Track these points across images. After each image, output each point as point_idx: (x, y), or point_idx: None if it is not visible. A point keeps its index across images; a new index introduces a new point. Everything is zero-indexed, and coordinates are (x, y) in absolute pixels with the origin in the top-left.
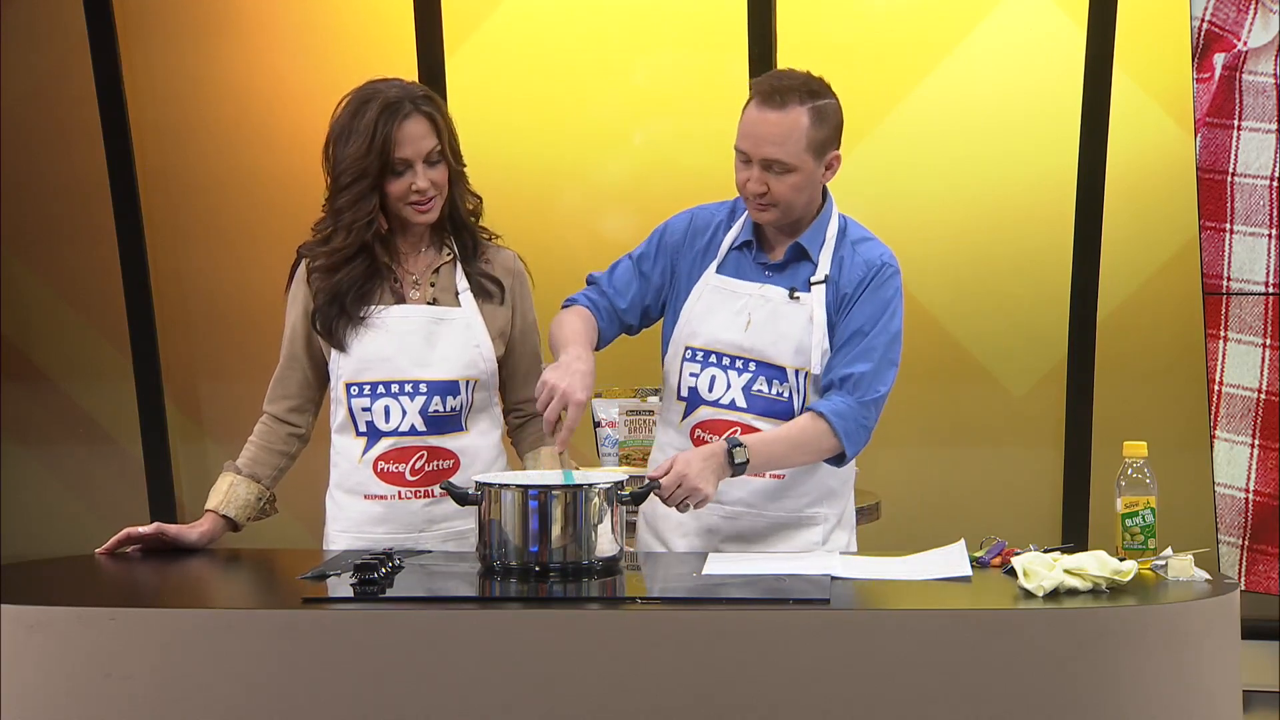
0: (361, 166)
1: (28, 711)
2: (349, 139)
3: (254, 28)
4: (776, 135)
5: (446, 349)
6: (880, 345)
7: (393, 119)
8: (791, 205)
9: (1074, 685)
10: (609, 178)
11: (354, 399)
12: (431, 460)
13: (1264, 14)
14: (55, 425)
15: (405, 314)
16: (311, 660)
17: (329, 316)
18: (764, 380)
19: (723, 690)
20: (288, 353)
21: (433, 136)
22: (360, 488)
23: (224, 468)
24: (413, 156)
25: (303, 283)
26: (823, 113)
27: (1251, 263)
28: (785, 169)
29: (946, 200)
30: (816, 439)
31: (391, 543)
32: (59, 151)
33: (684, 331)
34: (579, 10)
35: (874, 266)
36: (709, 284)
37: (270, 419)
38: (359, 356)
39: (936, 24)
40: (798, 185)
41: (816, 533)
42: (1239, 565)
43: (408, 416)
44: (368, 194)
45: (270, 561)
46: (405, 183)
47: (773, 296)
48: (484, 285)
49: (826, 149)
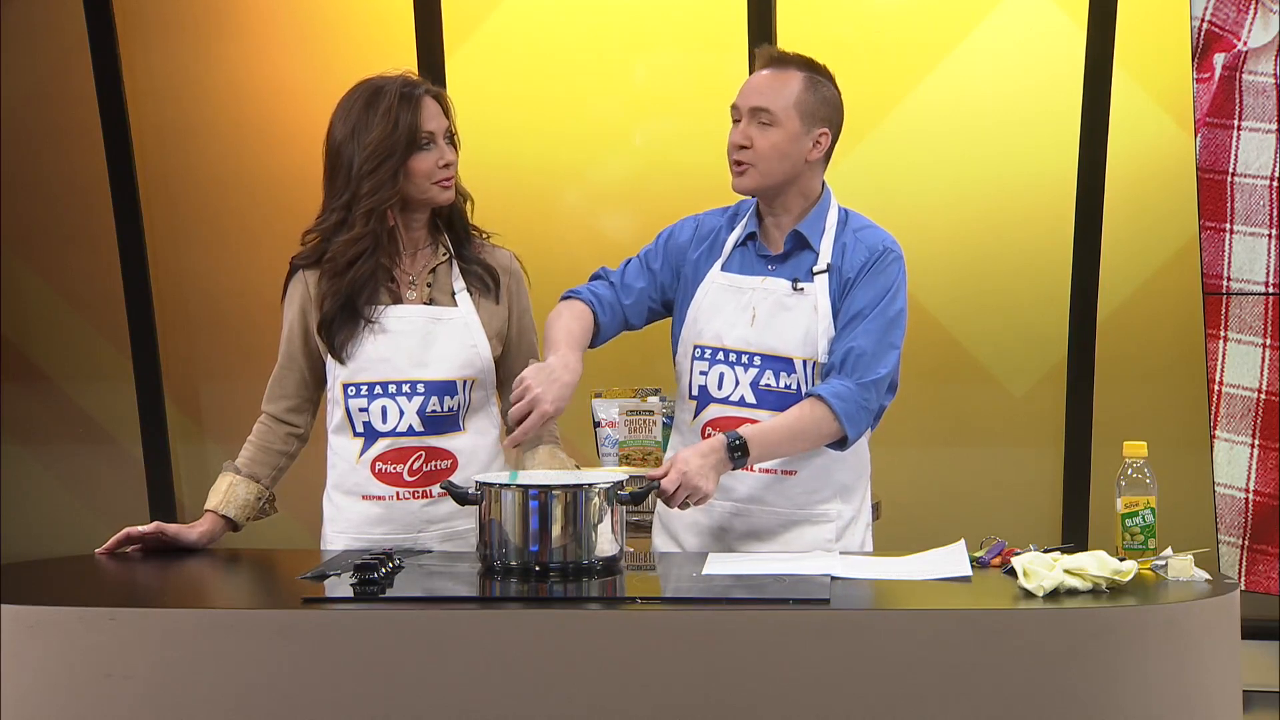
0: (388, 147)
1: (28, 711)
2: (368, 128)
3: (254, 28)
4: (767, 86)
5: (444, 349)
6: (879, 327)
7: (410, 100)
8: (770, 165)
9: (1074, 685)
10: (609, 178)
11: (351, 399)
12: (429, 461)
13: (1264, 14)
14: (55, 425)
15: (402, 314)
16: (311, 660)
17: (340, 321)
18: (771, 374)
19: (723, 690)
20: (285, 353)
21: (444, 117)
22: (358, 488)
23: (223, 468)
24: (437, 130)
25: (300, 283)
26: (818, 85)
27: (1251, 263)
28: (771, 120)
29: (946, 200)
30: (817, 424)
31: (390, 543)
32: (59, 151)
33: (691, 331)
34: (579, 10)
35: (876, 251)
36: (714, 282)
37: (269, 419)
38: (357, 357)
39: (936, 24)
40: (778, 144)
41: (829, 529)
42: (1239, 565)
43: (405, 417)
44: (393, 176)
45: (270, 561)
46: (433, 158)
47: (776, 289)
48: (481, 278)
49: (815, 120)
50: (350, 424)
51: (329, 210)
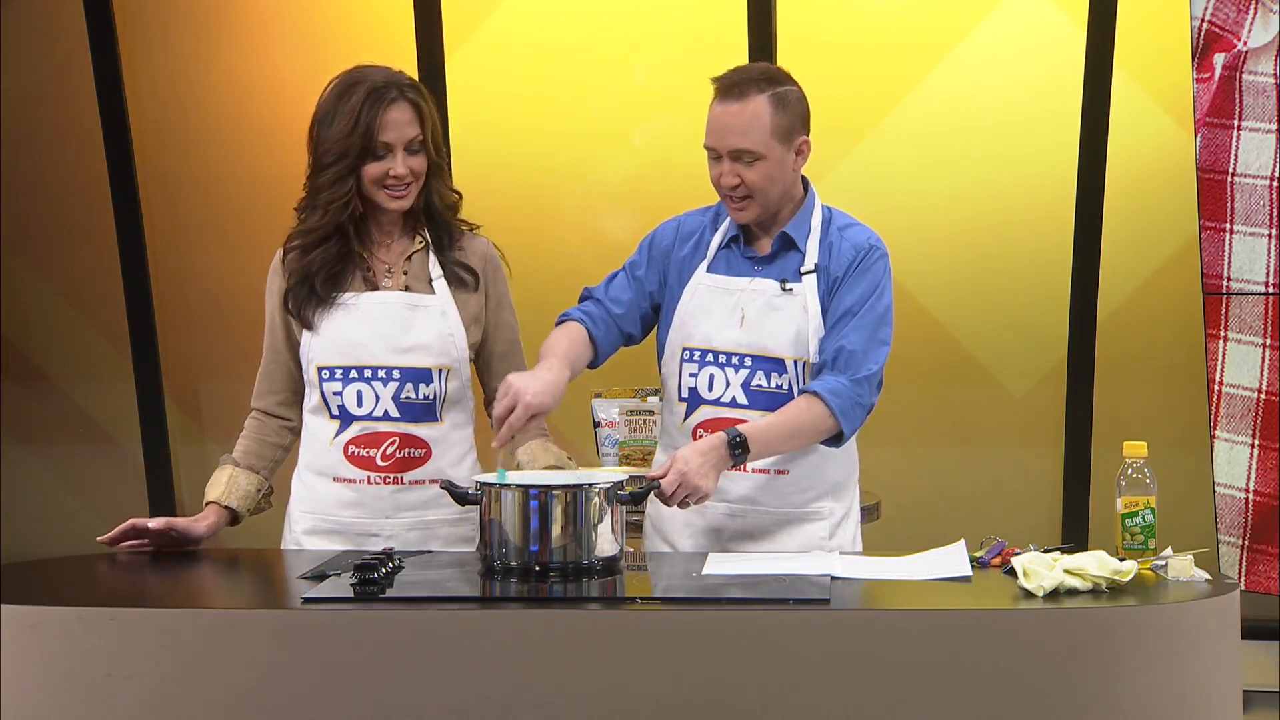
0: (343, 147)
1: (28, 711)
2: (333, 120)
3: (254, 28)
4: (739, 125)
5: (420, 336)
6: (869, 324)
7: (378, 103)
8: (767, 195)
9: (1074, 685)
10: (609, 178)
11: (325, 382)
12: (403, 447)
13: (1264, 14)
14: (55, 425)
15: (380, 299)
16: (311, 660)
17: (299, 297)
18: (762, 374)
19: (723, 690)
20: (270, 345)
21: (416, 125)
22: (329, 470)
23: (220, 461)
24: (395, 142)
25: (277, 273)
26: (784, 99)
27: (1251, 263)
28: (754, 157)
29: (946, 200)
30: (814, 420)
31: (356, 527)
32: (59, 151)
33: (680, 333)
34: (579, 10)
35: (862, 249)
36: (701, 284)
37: (260, 415)
38: (331, 339)
39: (936, 24)
40: (769, 173)
41: (822, 527)
42: (1239, 565)
43: (381, 402)
44: (346, 175)
45: (270, 561)
46: (383, 167)
47: (764, 290)
48: (458, 274)
49: (793, 134)
50: (326, 406)
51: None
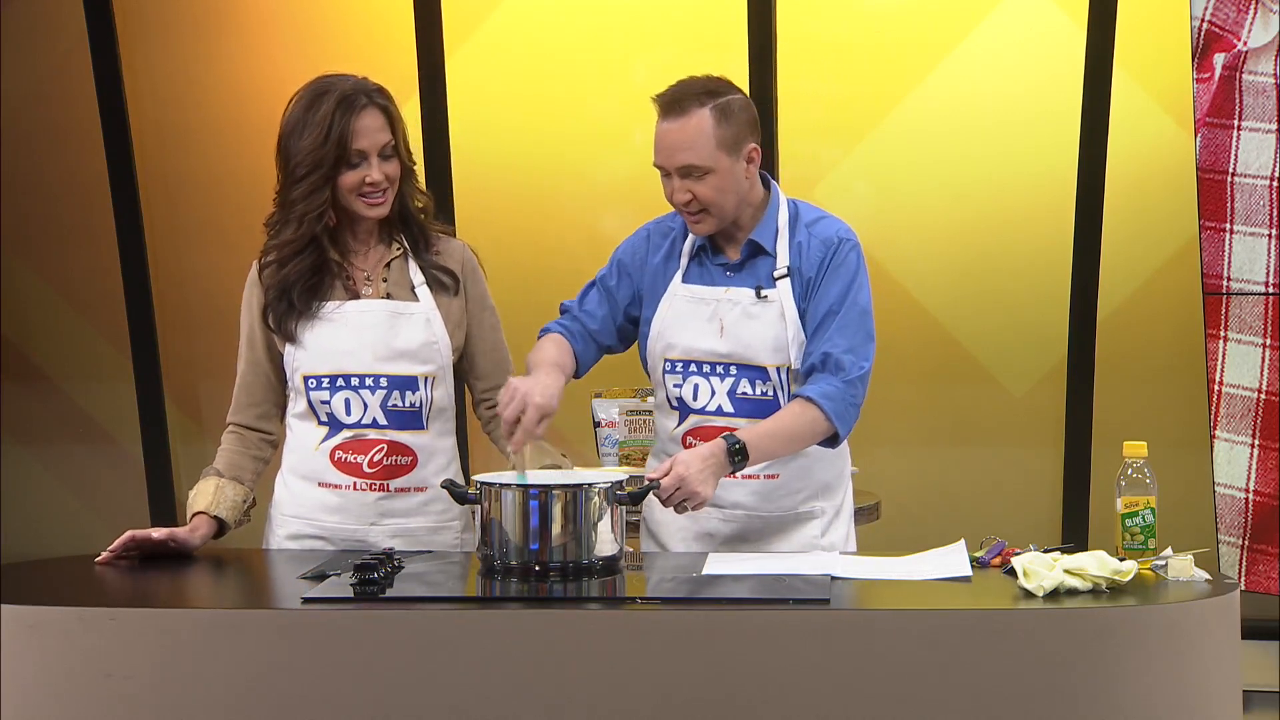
0: (317, 158)
1: (28, 711)
2: (304, 131)
3: (254, 28)
4: (683, 141)
5: (406, 343)
6: (853, 322)
7: (349, 111)
8: (722, 207)
9: (1074, 685)
10: (609, 178)
11: (312, 391)
12: (390, 455)
13: (1264, 14)
14: (55, 425)
15: (364, 308)
16: (311, 660)
17: (279, 311)
18: (747, 382)
19: (723, 690)
20: (249, 359)
21: (387, 130)
22: (315, 475)
23: (203, 473)
24: (368, 149)
25: (255, 286)
26: (726, 110)
27: (1251, 263)
28: (703, 171)
29: (946, 200)
30: (810, 425)
31: (340, 533)
32: (59, 151)
33: (659, 344)
34: (579, 10)
35: (831, 245)
36: (677, 294)
37: (239, 429)
38: (317, 349)
39: (936, 24)
40: (720, 186)
41: (815, 526)
42: (1239, 565)
43: (369, 410)
44: (321, 186)
45: (270, 561)
46: (359, 175)
47: (740, 299)
48: (439, 278)
49: (740, 143)
50: (314, 413)
51: (277, 205)
